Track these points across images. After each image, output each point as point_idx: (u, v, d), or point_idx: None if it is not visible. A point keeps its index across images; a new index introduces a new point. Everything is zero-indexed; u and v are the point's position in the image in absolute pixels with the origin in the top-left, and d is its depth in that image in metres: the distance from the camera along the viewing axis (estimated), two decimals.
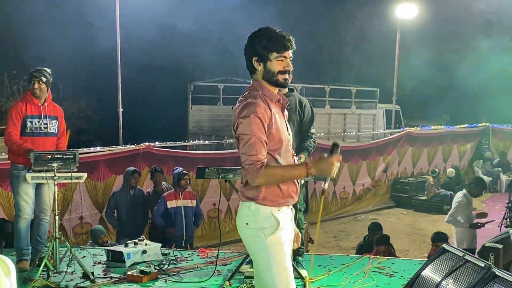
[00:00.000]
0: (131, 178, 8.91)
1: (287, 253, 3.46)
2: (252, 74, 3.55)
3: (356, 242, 10.34)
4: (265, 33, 3.46)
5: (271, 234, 3.38)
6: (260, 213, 3.41)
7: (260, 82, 3.52)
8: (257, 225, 3.41)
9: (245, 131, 3.33)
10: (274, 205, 3.43)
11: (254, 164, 3.31)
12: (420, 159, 18.56)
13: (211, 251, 7.06)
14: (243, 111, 3.36)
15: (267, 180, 3.34)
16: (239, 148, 3.40)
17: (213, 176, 5.68)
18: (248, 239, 3.48)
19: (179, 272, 6.13)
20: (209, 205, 11.85)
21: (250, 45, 3.48)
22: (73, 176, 6.01)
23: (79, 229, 9.74)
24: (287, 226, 3.50)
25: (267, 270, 3.42)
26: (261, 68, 3.48)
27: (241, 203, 3.53)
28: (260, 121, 3.34)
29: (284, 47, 3.47)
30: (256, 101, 3.38)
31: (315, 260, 6.61)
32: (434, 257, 4.83)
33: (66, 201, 9.24)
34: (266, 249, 3.39)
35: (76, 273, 6.05)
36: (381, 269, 6.21)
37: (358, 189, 16.13)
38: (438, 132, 19.69)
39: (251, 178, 3.34)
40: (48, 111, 6.39)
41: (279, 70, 3.48)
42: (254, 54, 3.47)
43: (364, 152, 16.25)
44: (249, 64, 3.52)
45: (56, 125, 6.45)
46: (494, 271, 4.07)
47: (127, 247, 6.51)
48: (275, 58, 3.47)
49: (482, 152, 20.83)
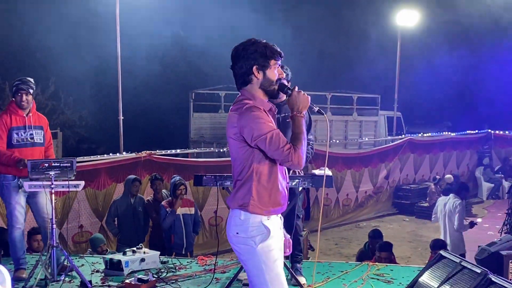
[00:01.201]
0: (132, 186, 8.89)
1: (279, 260, 3.49)
2: (245, 84, 3.54)
3: (357, 249, 10.32)
4: (259, 42, 3.50)
5: (261, 242, 3.42)
6: (250, 222, 3.44)
7: (253, 92, 3.52)
8: (247, 234, 3.44)
9: (260, 132, 3.36)
10: (263, 213, 3.46)
11: (290, 152, 3.37)
12: (422, 166, 18.53)
13: (210, 259, 7.04)
14: (243, 116, 3.39)
15: (303, 151, 3.42)
16: (266, 151, 3.40)
17: (210, 184, 5.67)
18: (239, 248, 3.50)
19: (177, 280, 6.12)
20: (210, 213, 11.85)
21: (247, 54, 3.47)
22: (71, 184, 5.99)
23: (79, 237, 9.74)
24: (277, 233, 3.53)
25: (260, 278, 3.45)
26: (260, 76, 3.49)
27: (231, 212, 3.55)
28: (263, 114, 3.42)
29: (280, 54, 3.54)
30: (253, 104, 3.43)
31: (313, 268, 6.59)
32: (431, 264, 4.83)
33: (66, 210, 9.23)
34: (257, 257, 3.42)
35: (73, 281, 6.04)
36: (380, 276, 6.20)
37: (360, 196, 16.12)
38: (439, 139, 19.67)
39: (298, 163, 3.41)
40: (33, 121, 6.31)
41: (277, 78, 3.54)
42: (254, 62, 3.47)
43: (365, 159, 16.25)
44: (246, 73, 3.50)
45: (41, 135, 6.39)
46: (490, 277, 4.07)
47: (125, 255, 6.49)
48: (273, 66, 3.51)
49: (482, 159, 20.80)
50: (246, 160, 3.45)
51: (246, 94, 3.53)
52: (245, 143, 3.43)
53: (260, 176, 3.46)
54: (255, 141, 3.37)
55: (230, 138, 3.50)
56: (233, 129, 3.44)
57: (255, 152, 3.44)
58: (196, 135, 19.04)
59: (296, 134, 3.48)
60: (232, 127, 3.44)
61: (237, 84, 3.60)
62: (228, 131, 3.50)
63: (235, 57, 3.53)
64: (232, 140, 3.48)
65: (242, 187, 3.48)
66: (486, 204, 18.88)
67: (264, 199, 3.46)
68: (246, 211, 3.45)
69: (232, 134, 3.45)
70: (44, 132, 6.44)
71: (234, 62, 3.54)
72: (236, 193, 3.51)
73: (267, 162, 3.47)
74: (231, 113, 3.49)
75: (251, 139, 3.37)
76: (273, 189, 3.51)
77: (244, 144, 3.43)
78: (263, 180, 3.47)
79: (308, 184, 5.42)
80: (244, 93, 3.55)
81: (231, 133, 3.47)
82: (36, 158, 6.17)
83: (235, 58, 3.53)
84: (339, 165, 15.40)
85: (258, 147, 3.41)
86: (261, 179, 3.46)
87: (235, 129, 3.42)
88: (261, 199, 3.45)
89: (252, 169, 3.45)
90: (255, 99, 3.49)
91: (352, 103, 21.13)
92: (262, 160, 3.45)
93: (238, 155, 3.49)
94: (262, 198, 3.46)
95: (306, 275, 6.00)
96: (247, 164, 3.46)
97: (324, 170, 5.47)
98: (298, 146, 3.41)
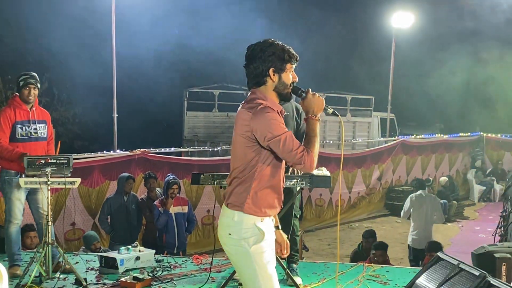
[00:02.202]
0: (126, 184, 8.86)
1: (271, 261, 3.47)
2: (259, 85, 3.50)
3: (350, 250, 10.32)
4: (276, 45, 3.47)
5: (255, 243, 3.40)
6: (244, 224, 3.42)
7: (266, 93, 3.49)
8: (240, 235, 3.41)
9: (274, 133, 3.32)
10: (258, 215, 3.43)
11: (303, 155, 3.35)
12: (414, 167, 18.57)
13: (205, 258, 7.03)
14: (258, 116, 3.35)
15: (315, 154, 3.41)
16: (279, 153, 3.38)
17: (208, 182, 5.65)
18: (231, 248, 3.47)
19: (173, 279, 6.10)
20: (203, 212, 11.84)
21: (264, 56, 3.44)
22: (67, 181, 5.95)
23: (71, 235, 9.69)
24: (270, 235, 3.51)
25: (253, 279, 3.43)
26: (276, 79, 3.47)
27: (224, 211, 3.52)
28: (277, 115, 3.39)
29: (296, 58, 3.53)
30: (267, 104, 3.40)
31: (310, 268, 6.60)
32: (429, 265, 4.82)
33: (59, 207, 9.17)
34: (250, 258, 3.40)
35: (68, 279, 6.01)
36: (376, 277, 6.20)
37: (353, 197, 16.14)
38: (432, 141, 19.72)
39: (310, 166, 3.40)
40: (37, 116, 6.32)
41: (292, 81, 3.53)
42: (271, 64, 3.44)
43: (359, 160, 16.26)
44: (261, 74, 3.47)
45: (45, 129, 6.39)
46: (489, 280, 4.07)
47: (120, 253, 6.47)
48: (289, 69, 3.50)
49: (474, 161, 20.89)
50: (251, 160, 3.42)
51: (258, 94, 3.48)
52: (254, 142, 3.39)
53: (261, 177, 3.43)
54: (268, 142, 3.33)
55: (238, 136, 3.45)
56: (244, 127, 3.39)
57: (262, 152, 3.40)
58: (189, 133, 19.01)
59: (310, 137, 3.46)
60: (244, 125, 3.39)
61: (249, 83, 3.55)
62: (238, 128, 3.45)
63: (251, 57, 3.48)
64: (240, 137, 3.43)
65: (240, 185, 3.45)
66: (478, 206, 18.94)
67: (260, 201, 3.43)
68: (240, 211, 3.42)
69: (243, 132, 3.40)
70: (47, 126, 6.44)
71: (249, 61, 3.50)
72: (233, 190, 3.48)
73: (271, 164, 3.45)
74: (243, 110, 3.44)
75: (264, 139, 3.34)
76: (271, 192, 3.49)
77: (254, 144, 3.39)
78: (264, 181, 3.44)
79: (306, 184, 5.41)
80: (256, 92, 3.50)
81: (241, 131, 3.42)
82: (40, 152, 6.18)
83: (251, 58, 3.48)
84: (332, 165, 15.35)
85: (269, 148, 3.38)
86: (262, 180, 3.43)
87: (247, 128, 3.37)
88: (257, 200, 3.42)
89: (256, 169, 3.42)
90: (267, 99, 3.46)
91: (346, 104, 21.15)
92: (267, 162, 3.43)
93: (243, 153, 3.44)
94: (258, 199, 3.43)
95: (302, 276, 6.00)
96: (251, 163, 3.42)
97: (322, 170, 5.48)
98: (311, 149, 3.39)
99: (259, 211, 3.43)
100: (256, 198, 3.43)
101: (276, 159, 3.45)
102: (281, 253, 3.78)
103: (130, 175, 9.15)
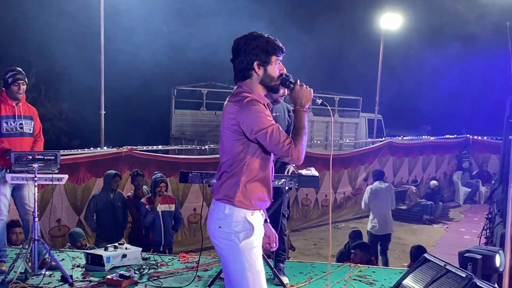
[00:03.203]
0: (112, 182, 8.83)
1: (260, 257, 3.47)
2: (245, 79, 3.50)
3: (336, 250, 10.35)
4: (261, 37, 3.46)
5: (245, 238, 3.39)
6: (234, 217, 3.41)
7: (252, 86, 3.49)
8: (231, 228, 3.40)
9: (260, 126, 3.32)
10: (248, 208, 3.43)
11: (290, 147, 3.34)
12: (401, 168, 18.64)
13: (191, 256, 7.02)
14: (245, 109, 3.34)
15: (303, 146, 3.40)
16: (266, 145, 3.37)
17: (196, 181, 5.65)
18: (220, 242, 3.45)
19: (159, 277, 6.09)
20: (189, 210, 11.82)
21: (248, 49, 3.43)
22: (54, 177, 5.92)
23: (57, 231, 9.63)
24: (260, 230, 3.51)
25: (242, 274, 3.41)
26: (261, 72, 3.47)
27: (214, 204, 3.51)
28: (264, 108, 3.39)
29: (281, 50, 3.51)
30: (255, 97, 3.40)
31: (296, 267, 6.60)
32: (415, 266, 4.84)
33: (44, 203, 9.11)
34: (240, 253, 3.39)
35: (54, 276, 5.98)
36: (362, 277, 6.22)
37: (339, 197, 16.17)
38: (419, 142, 19.81)
39: (298, 158, 3.39)
40: (23, 111, 6.28)
41: (278, 74, 3.51)
42: (255, 58, 3.43)
43: (346, 161, 16.29)
44: (246, 68, 3.46)
45: (31, 125, 6.35)
46: (475, 282, 4.09)
47: (106, 250, 6.44)
48: (275, 62, 3.49)
49: (461, 163, 21.01)
50: (239, 153, 3.41)
51: (245, 88, 3.49)
52: (242, 135, 3.38)
53: (250, 171, 3.43)
54: (255, 135, 3.33)
55: (225, 129, 3.44)
56: (230, 120, 3.39)
57: (250, 146, 3.40)
58: (177, 131, 18.99)
59: (297, 129, 3.45)
60: (230, 119, 3.39)
61: (235, 77, 3.54)
62: (224, 121, 3.44)
63: (235, 50, 3.48)
64: (227, 131, 3.42)
65: (230, 179, 3.44)
66: (463, 208, 19.06)
67: (250, 194, 3.42)
68: (231, 204, 3.41)
69: (229, 126, 3.40)
70: (34, 122, 6.39)
71: (234, 55, 3.50)
72: (223, 184, 3.47)
73: (260, 157, 3.44)
74: (229, 104, 3.43)
75: (250, 132, 3.33)
76: (260, 185, 3.48)
77: (241, 137, 3.38)
78: (253, 174, 3.44)
79: (295, 184, 5.42)
80: (242, 86, 3.50)
81: (228, 124, 3.41)
82: (25, 148, 6.13)
83: (236, 52, 3.48)
84: (319, 165, 15.37)
85: (257, 141, 3.38)
86: (251, 173, 3.43)
87: (233, 121, 3.37)
88: (247, 193, 3.42)
89: (244, 163, 3.41)
90: (253, 93, 3.46)
91: (333, 105, 21.19)
92: (256, 155, 3.43)
93: (231, 147, 3.43)
94: (248, 192, 3.42)
95: (289, 275, 6.01)
96: (240, 157, 3.41)
97: (311, 170, 5.49)
98: (299, 141, 3.38)
99: (249, 204, 3.43)
100: (246, 191, 3.42)
101: (264, 152, 3.45)
102: (270, 246, 3.76)
103: (117, 172, 9.11)
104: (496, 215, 9.34)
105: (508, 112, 8.78)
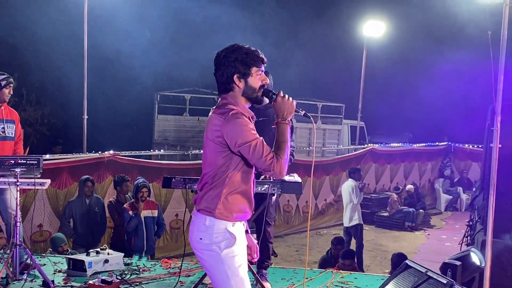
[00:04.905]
0: (84, 187, 8.84)
1: (243, 264, 3.48)
2: (228, 91, 3.51)
3: (318, 256, 10.39)
4: (240, 49, 3.46)
5: (226, 247, 3.41)
6: (215, 228, 3.42)
7: (236, 99, 3.50)
8: (212, 239, 3.42)
9: (244, 139, 3.33)
10: (229, 219, 3.44)
11: (272, 161, 3.34)
12: (383, 175, 18.75)
13: (174, 262, 7.00)
14: (229, 122, 3.34)
15: (286, 160, 3.40)
16: (249, 159, 3.38)
17: (179, 186, 5.64)
18: (202, 253, 3.48)
19: (142, 282, 6.07)
20: (171, 216, 11.80)
21: (227, 62, 3.44)
22: (37, 182, 5.89)
23: (38, 236, 9.56)
24: (242, 239, 3.53)
25: (226, 282, 3.43)
26: (242, 85, 3.47)
27: (195, 216, 3.53)
28: (248, 121, 3.39)
29: (262, 61, 3.51)
30: (240, 110, 3.41)
31: (279, 273, 6.62)
32: (396, 273, 4.88)
33: (26, 208, 9.05)
34: (222, 262, 3.41)
35: (35, 281, 5.94)
36: (344, 283, 6.23)
37: (320, 204, 16.20)
38: (401, 149, 19.93)
39: (280, 173, 3.39)
40: (5, 115, 6.26)
41: (260, 85, 3.51)
42: (234, 71, 3.44)
43: (328, 167, 16.34)
44: (227, 81, 3.47)
45: (13, 129, 6.33)
46: None
47: (88, 255, 6.42)
48: (255, 73, 3.48)
49: (443, 171, 21.18)
50: (222, 165, 3.43)
51: (229, 99, 3.49)
52: (226, 148, 3.39)
53: (232, 183, 3.45)
54: (239, 147, 3.34)
55: (209, 141, 3.45)
56: (215, 132, 3.40)
57: (233, 158, 3.42)
58: (160, 137, 18.96)
59: (279, 143, 3.45)
60: (215, 130, 3.40)
61: (219, 90, 3.56)
62: (209, 133, 3.45)
63: (216, 64, 3.50)
64: (211, 143, 3.44)
65: (211, 190, 3.46)
66: (444, 215, 19.21)
67: (231, 206, 3.44)
68: (211, 216, 3.42)
69: (214, 137, 3.41)
70: (16, 126, 6.36)
71: (216, 68, 3.52)
72: (204, 195, 3.49)
73: (242, 170, 3.46)
74: (214, 115, 3.44)
75: (234, 145, 3.35)
76: (241, 197, 3.50)
77: (225, 149, 3.40)
78: (235, 187, 3.45)
79: (278, 190, 5.43)
80: (227, 98, 3.51)
81: (212, 136, 3.42)
82: (7, 152, 6.10)
83: (216, 65, 3.50)
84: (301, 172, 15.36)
85: (240, 154, 3.39)
86: (233, 186, 3.45)
87: (218, 133, 3.38)
88: (228, 205, 3.43)
89: (227, 175, 3.43)
90: (238, 105, 3.47)
91: (316, 111, 21.28)
92: (238, 167, 3.45)
93: (214, 159, 3.45)
94: (229, 204, 3.44)
95: (271, 281, 6.02)
96: (222, 169, 3.43)
97: (294, 176, 5.51)
98: (281, 155, 3.39)
99: (230, 216, 3.44)
100: (227, 203, 3.43)
101: (246, 165, 3.47)
102: (251, 257, 3.78)
103: (88, 177, 9.08)
104: (477, 222, 9.42)
105: (489, 120, 8.87)
